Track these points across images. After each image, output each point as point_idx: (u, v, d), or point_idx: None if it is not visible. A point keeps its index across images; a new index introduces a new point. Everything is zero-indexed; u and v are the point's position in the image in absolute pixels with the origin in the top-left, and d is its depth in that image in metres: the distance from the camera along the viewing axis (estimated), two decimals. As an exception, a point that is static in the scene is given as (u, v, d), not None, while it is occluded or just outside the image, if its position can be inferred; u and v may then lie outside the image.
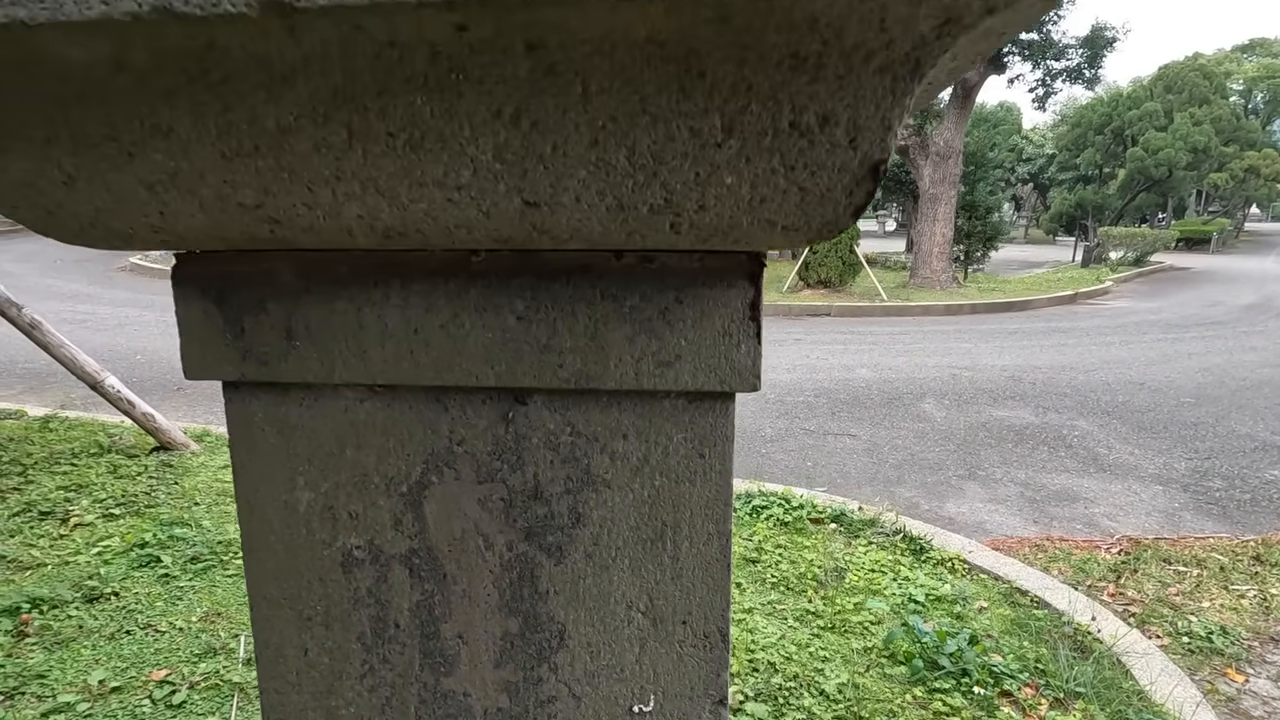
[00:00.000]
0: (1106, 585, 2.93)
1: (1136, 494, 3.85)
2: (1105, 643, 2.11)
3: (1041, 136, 33.89)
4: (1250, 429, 5.06)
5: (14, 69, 0.37)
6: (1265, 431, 4.99)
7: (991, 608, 2.38)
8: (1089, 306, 13.76)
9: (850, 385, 6.25)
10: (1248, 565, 3.11)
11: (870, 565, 2.56)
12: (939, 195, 13.78)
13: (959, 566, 2.62)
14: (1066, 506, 3.68)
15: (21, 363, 5.90)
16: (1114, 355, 8.09)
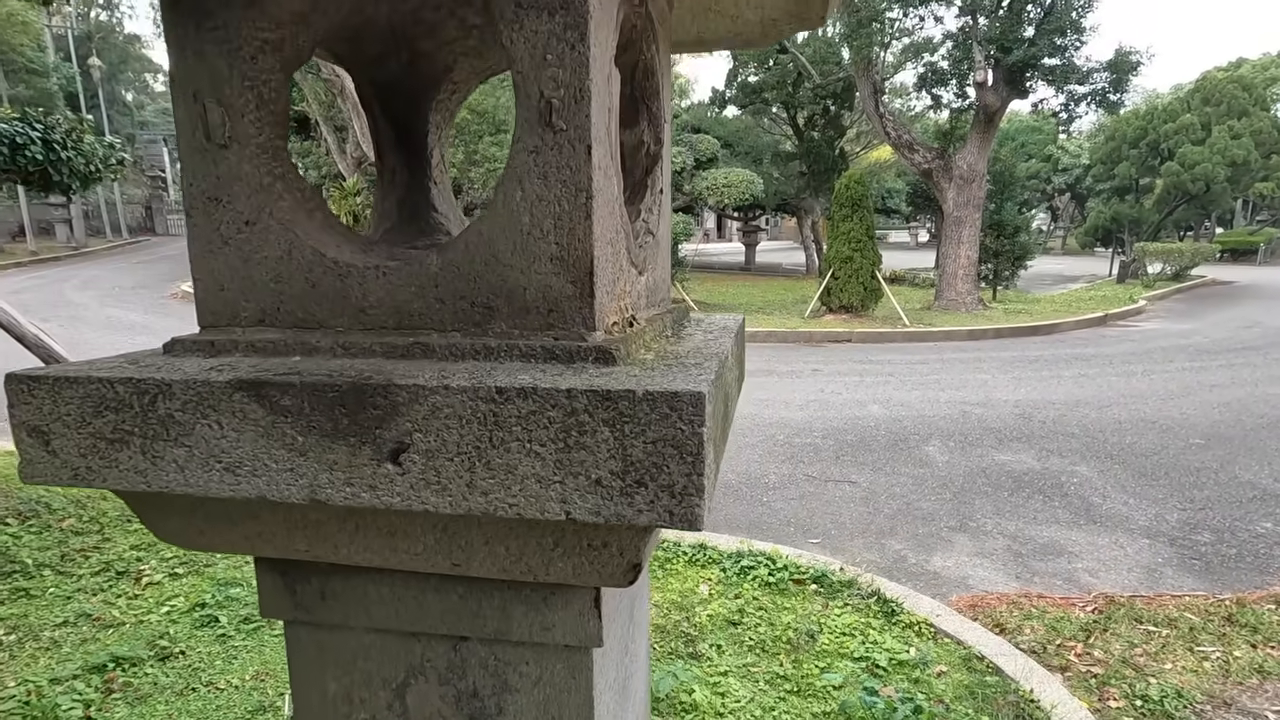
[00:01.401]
0: (1075, 645, 3.12)
1: (1123, 548, 4.00)
2: (1045, 711, 2.34)
3: (1078, 147, 33.34)
4: (1254, 475, 5.13)
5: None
6: (1268, 478, 5.06)
7: (950, 672, 2.62)
8: (1119, 328, 13.61)
9: (860, 425, 6.45)
10: (1218, 626, 3.26)
11: (843, 628, 2.81)
12: (963, 218, 13.82)
13: (925, 630, 2.85)
14: (1051, 561, 3.86)
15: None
16: (1133, 388, 8.10)
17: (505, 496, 0.63)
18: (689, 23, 1.22)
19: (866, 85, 14.08)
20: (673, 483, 0.60)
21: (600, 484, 0.61)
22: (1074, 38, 11.89)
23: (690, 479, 0.59)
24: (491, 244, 0.74)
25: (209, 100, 0.77)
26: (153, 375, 0.69)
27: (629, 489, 0.61)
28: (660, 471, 0.60)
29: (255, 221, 0.79)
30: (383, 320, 0.78)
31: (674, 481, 0.60)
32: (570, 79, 0.69)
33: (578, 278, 0.72)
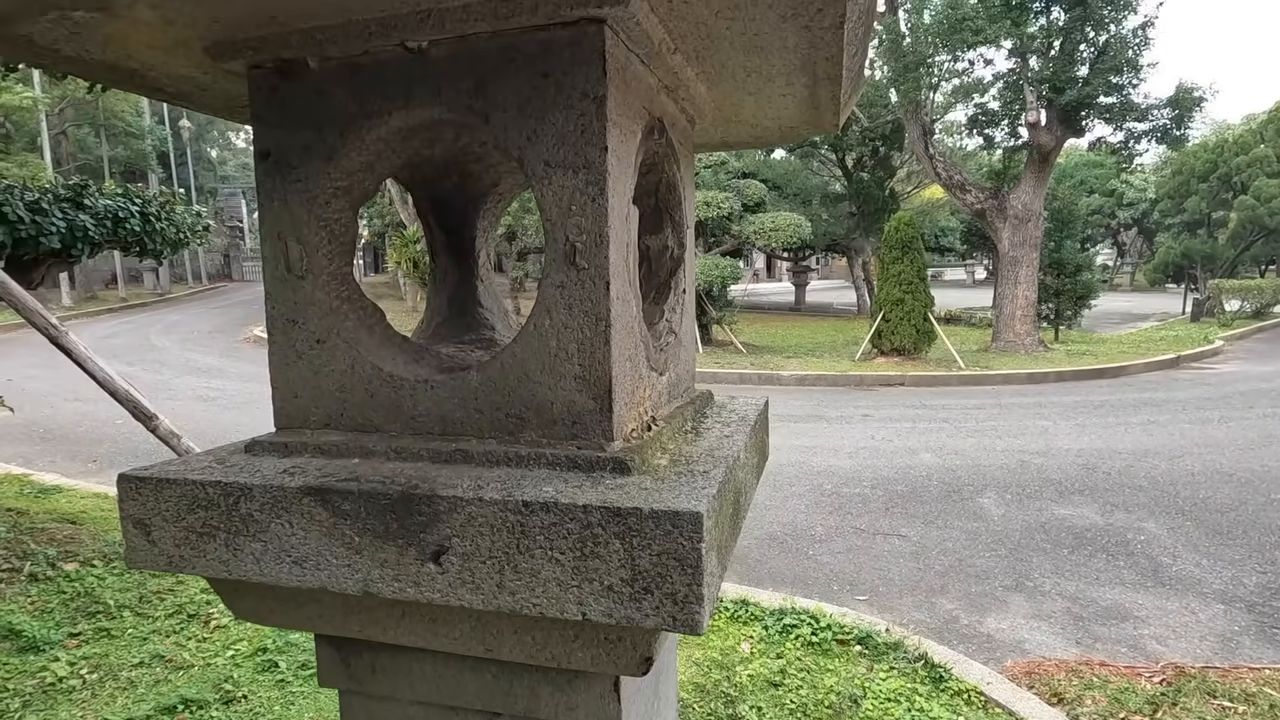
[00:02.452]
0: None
1: (1194, 613, 3.79)
2: (1103, 793, 2.23)
3: (1144, 180, 32.22)
4: (1344, 536, 4.79)
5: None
6: (1361, 540, 4.72)
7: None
8: (1193, 371, 12.94)
9: (910, 474, 6.31)
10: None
11: (888, 694, 2.75)
12: (1020, 258, 13.51)
13: (976, 698, 2.76)
14: (1114, 626, 3.68)
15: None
16: (1208, 436, 7.69)
17: (530, 597, 0.71)
18: (713, 131, 1.33)
19: (915, 127, 14.07)
20: (675, 591, 0.67)
21: (612, 589, 0.69)
22: (1130, 76, 11.66)
23: (691, 588, 0.67)
24: (524, 364, 0.84)
25: (290, 239, 0.91)
26: (236, 479, 0.81)
27: (637, 595, 0.68)
28: (664, 580, 0.67)
29: (325, 340, 0.92)
30: (430, 427, 0.89)
31: (676, 590, 0.67)
32: (591, 226, 0.79)
33: (598, 395, 0.81)
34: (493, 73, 0.80)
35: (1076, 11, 11.56)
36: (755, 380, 11.64)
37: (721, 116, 1.22)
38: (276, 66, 0.87)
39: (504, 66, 0.80)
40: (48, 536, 3.95)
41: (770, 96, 1.10)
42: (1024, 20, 11.87)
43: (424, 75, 0.83)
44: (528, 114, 0.80)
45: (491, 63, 0.80)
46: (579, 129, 0.78)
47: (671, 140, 1.06)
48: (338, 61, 0.85)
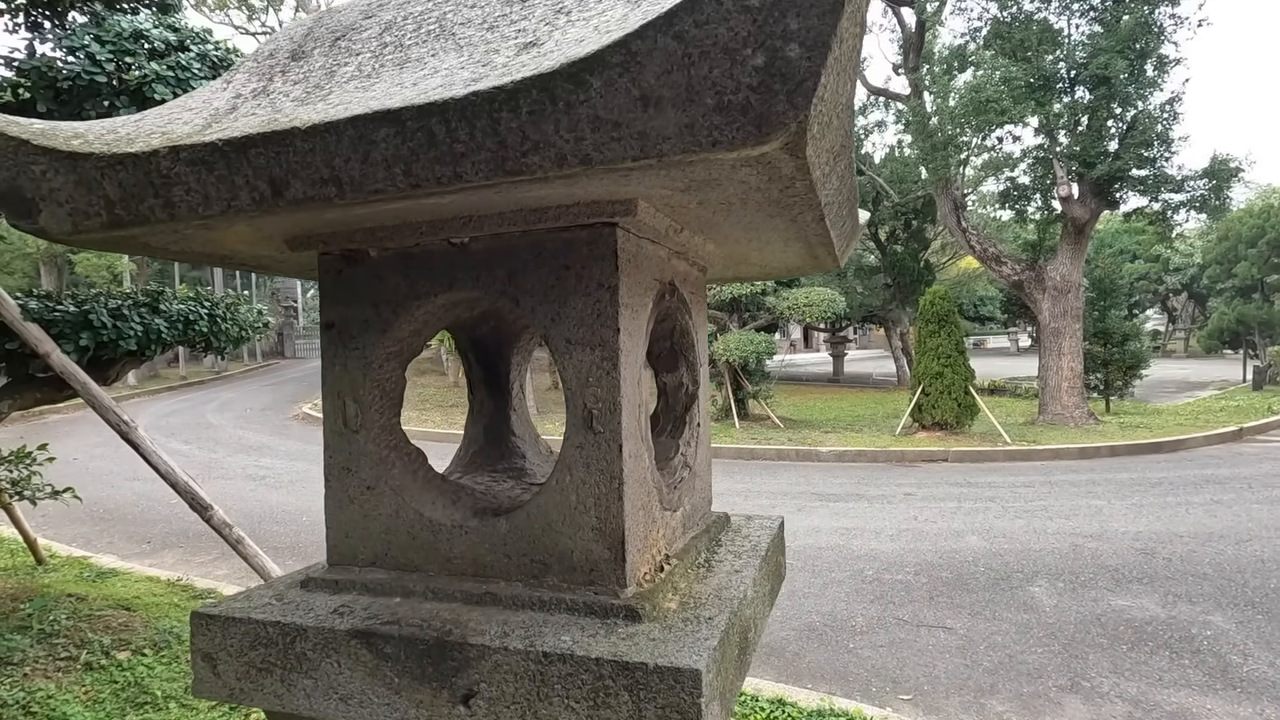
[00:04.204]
0: (1214, 844, 2.75)
1: (1268, 719, 3.53)
2: None
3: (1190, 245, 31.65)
4: None
5: None
6: None
7: None
8: (1259, 444, 12.32)
9: (956, 559, 6.11)
10: (1399, 831, 2.79)
11: (933, 808, 2.62)
12: (1062, 329, 13.30)
13: (1028, 816, 2.61)
14: (1181, 734, 3.45)
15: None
16: (1278, 518, 7.26)
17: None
18: (724, 270, 1.46)
19: (946, 202, 14.26)
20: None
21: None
22: (1162, 149, 11.72)
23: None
24: (547, 515, 0.94)
25: (348, 398, 1.04)
26: (293, 619, 0.92)
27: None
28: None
29: (374, 486, 1.03)
30: (463, 568, 0.99)
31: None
32: (605, 395, 0.90)
33: (612, 545, 0.90)
34: (522, 265, 0.94)
35: (1101, 90, 11.79)
36: (793, 457, 11.51)
37: (731, 262, 1.35)
38: (342, 254, 1.03)
39: (532, 260, 0.94)
40: (104, 624, 4.10)
41: (773, 251, 1.22)
42: (1048, 100, 12.13)
43: (465, 264, 0.97)
44: (551, 299, 0.93)
45: (522, 256, 0.94)
46: (595, 313, 0.90)
47: (683, 295, 1.19)
48: (394, 252, 1.01)
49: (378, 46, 0.88)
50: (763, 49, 0.56)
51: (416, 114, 0.66)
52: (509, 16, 0.82)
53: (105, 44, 2.80)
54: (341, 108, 0.75)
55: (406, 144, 0.68)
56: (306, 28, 0.99)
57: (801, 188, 0.73)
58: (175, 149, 0.76)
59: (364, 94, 0.78)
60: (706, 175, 0.73)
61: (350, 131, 0.69)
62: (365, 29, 0.92)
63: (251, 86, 0.92)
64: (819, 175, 0.71)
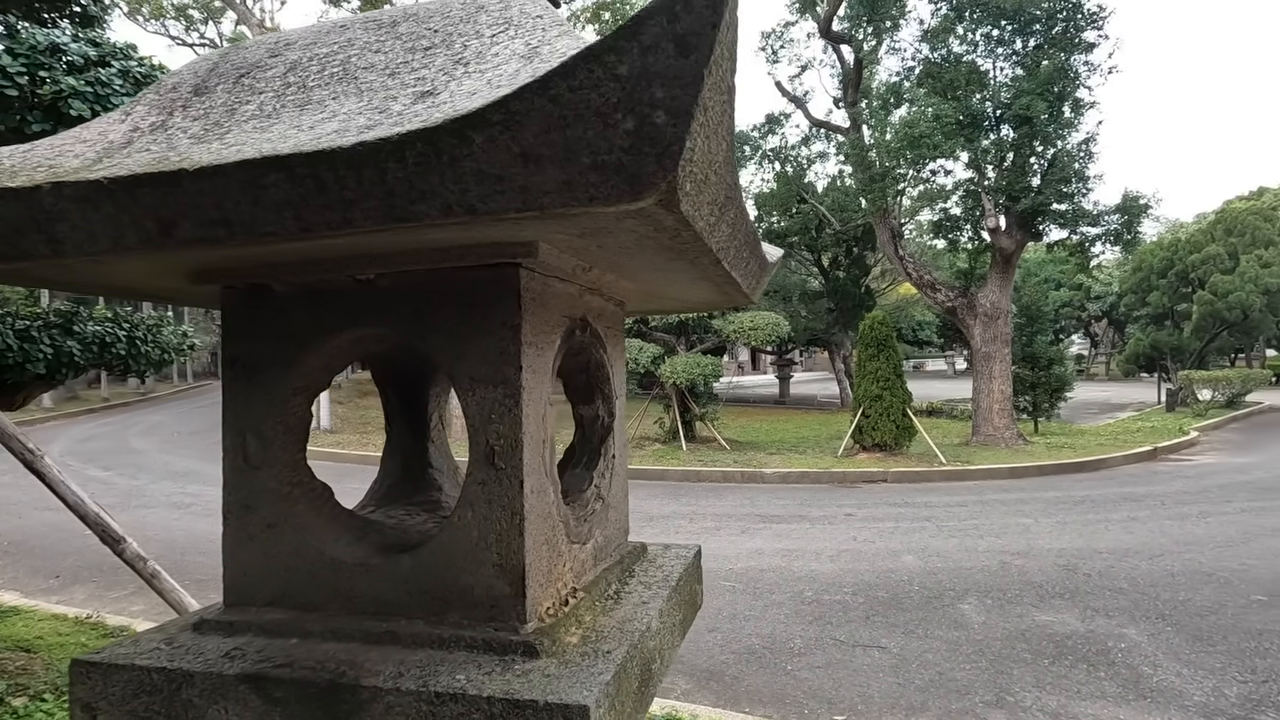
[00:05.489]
0: None
1: (1177, 729, 3.72)
2: None
3: (1109, 275, 33.68)
4: (1323, 640, 4.77)
5: None
6: (1339, 644, 4.70)
7: None
8: (1171, 463, 13.09)
9: (892, 578, 6.26)
10: (1288, 830, 2.97)
11: (861, 829, 2.66)
12: (992, 354, 13.90)
13: (952, 833, 2.68)
14: (1097, 745, 3.60)
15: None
16: (1187, 533, 7.72)
17: (440, 783, 0.78)
18: (642, 304, 1.49)
19: (885, 231, 14.82)
20: (569, 779, 0.75)
21: (513, 778, 0.76)
22: (1079, 185, 12.50)
23: (582, 777, 0.74)
24: (449, 552, 0.94)
25: (250, 434, 1.03)
26: (180, 665, 0.89)
27: (535, 782, 0.76)
28: (559, 769, 0.75)
29: (275, 525, 1.02)
30: (365, 607, 0.98)
31: (570, 778, 0.75)
32: (508, 431, 0.92)
33: (513, 580, 0.91)
34: (428, 302, 0.95)
35: (1024, 129, 12.53)
36: (739, 479, 11.63)
37: (648, 297, 1.39)
38: (246, 289, 1.02)
39: (437, 297, 0.95)
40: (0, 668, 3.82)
41: (684, 288, 1.27)
42: (976, 137, 12.81)
43: (371, 300, 0.98)
44: (456, 336, 0.94)
45: (427, 294, 0.95)
46: (498, 350, 0.92)
47: (597, 330, 1.22)
48: (298, 287, 1.00)
49: (281, 86, 0.89)
50: (632, 114, 0.60)
51: (305, 161, 0.67)
52: (410, 64, 0.84)
53: (18, 57, 2.69)
54: (235, 149, 0.75)
55: (296, 189, 0.69)
56: (212, 62, 0.99)
57: (688, 237, 0.76)
58: (59, 185, 0.75)
59: (261, 135, 0.79)
60: (595, 225, 0.76)
61: (240, 175, 0.69)
62: (270, 67, 0.93)
63: (150, 120, 0.91)
64: (703, 226, 0.75)
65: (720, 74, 0.61)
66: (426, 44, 0.87)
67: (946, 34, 13.01)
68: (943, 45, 13.19)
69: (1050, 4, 12.11)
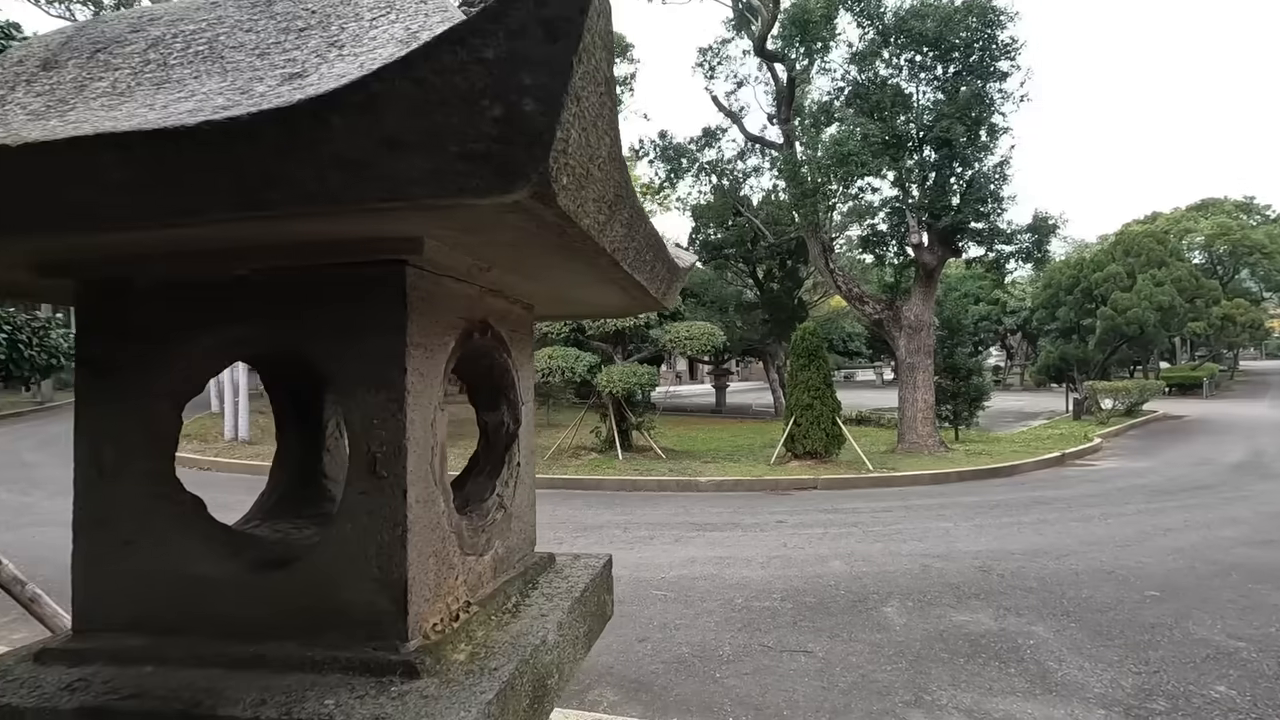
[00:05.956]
0: (1030, 842, 2.98)
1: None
2: None
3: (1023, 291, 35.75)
4: (1208, 631, 5.13)
5: None
6: (1221, 634, 5.06)
7: None
8: (1078, 468, 13.91)
9: (820, 584, 6.39)
10: (1176, 812, 3.15)
11: (782, 835, 2.68)
12: (916, 364, 14.46)
13: (869, 833, 2.73)
14: (1007, 739, 3.75)
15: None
16: (1091, 534, 8.20)
17: (302, 820, 0.72)
18: (553, 308, 1.46)
19: (816, 244, 15.26)
20: (442, 808, 0.70)
21: (381, 808, 0.71)
22: (995, 205, 13.22)
23: (456, 805, 0.70)
24: (326, 567, 0.88)
25: (106, 442, 0.94)
26: (9, 701, 0.80)
27: (406, 813, 0.71)
28: (431, 797, 0.70)
29: (133, 541, 0.93)
30: (233, 629, 0.90)
31: (443, 807, 0.70)
32: (390, 438, 0.87)
33: (395, 596, 0.86)
34: (306, 301, 0.89)
35: (944, 151, 13.17)
36: (674, 488, 11.69)
37: (558, 301, 1.36)
38: (102, 283, 0.94)
39: (316, 296, 0.89)
40: None
41: (593, 292, 1.24)
42: (901, 156, 13.38)
43: (244, 298, 0.91)
44: (337, 339, 0.89)
45: (305, 292, 0.90)
46: (381, 353, 0.87)
47: (500, 333, 1.18)
48: (162, 282, 0.93)
49: (140, 63, 0.82)
50: (500, 101, 0.57)
51: (145, 140, 0.61)
52: (283, 45, 0.79)
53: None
54: (73, 127, 0.68)
55: (136, 171, 0.62)
56: (67, 36, 0.90)
57: (576, 235, 0.74)
58: None
59: (106, 113, 0.72)
60: (476, 220, 0.73)
61: (71, 154, 0.63)
62: (130, 43, 0.85)
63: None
64: (591, 224, 0.73)
65: (594, 64, 0.59)
66: (302, 25, 0.82)
67: (873, 57, 13.56)
68: (870, 68, 13.74)
69: (968, 34, 12.80)
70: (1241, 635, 5.05)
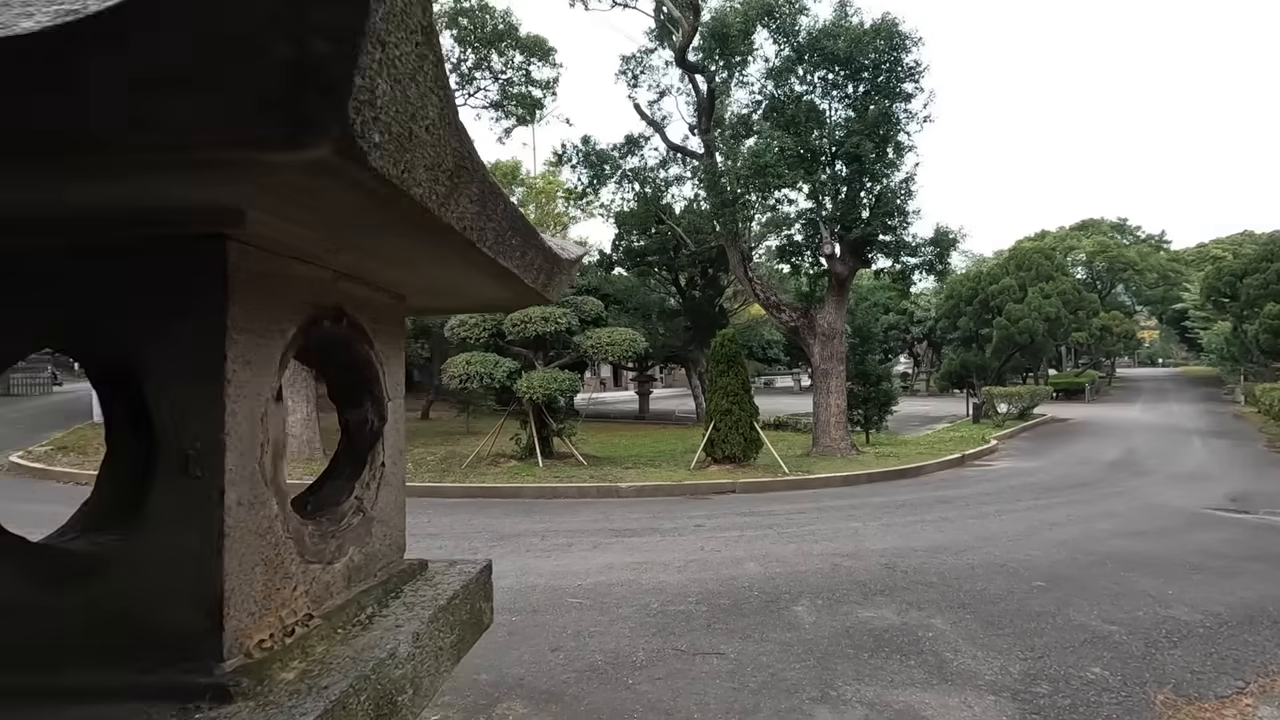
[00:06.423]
0: (925, 828, 3.08)
1: (971, 707, 4.10)
2: None
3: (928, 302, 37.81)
4: (1085, 617, 5.50)
5: None
6: (1097, 620, 5.45)
7: None
8: (976, 468, 14.76)
9: (735, 585, 6.47)
10: (1055, 789, 3.33)
11: (687, 840, 2.65)
12: (829, 370, 14.97)
13: (772, 832, 2.74)
14: (906, 729, 3.88)
15: None
16: (987, 530, 8.68)
17: None
18: (429, 300, 1.38)
19: (735, 253, 15.60)
20: None
21: None
22: (901, 219, 13.91)
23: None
24: (131, 581, 0.78)
25: None
26: None
27: None
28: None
29: (-112, 558, 0.79)
30: (26, 656, 0.78)
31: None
32: (207, 433, 0.77)
33: (209, 611, 0.76)
34: (115, 280, 0.79)
35: (855, 166, 13.76)
36: (594, 494, 11.61)
37: (432, 289, 1.28)
38: None
39: (123, 275, 0.79)
40: None
41: (465, 280, 1.17)
42: (815, 170, 13.89)
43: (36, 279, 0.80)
44: (147, 321, 0.79)
45: (111, 270, 0.79)
46: (195, 338, 0.78)
47: (360, 324, 1.09)
48: (-68, 256, 0.80)
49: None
50: (288, 40, 0.50)
51: None
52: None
53: None
54: None
55: None
56: None
57: (409, 207, 0.67)
58: None
59: None
60: (289, 185, 0.65)
61: None
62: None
63: None
64: (426, 194, 0.67)
65: (401, 6, 0.54)
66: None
67: (788, 74, 14.03)
68: (785, 84, 14.20)
69: (876, 55, 13.44)
70: (1114, 620, 5.45)
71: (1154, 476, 13.26)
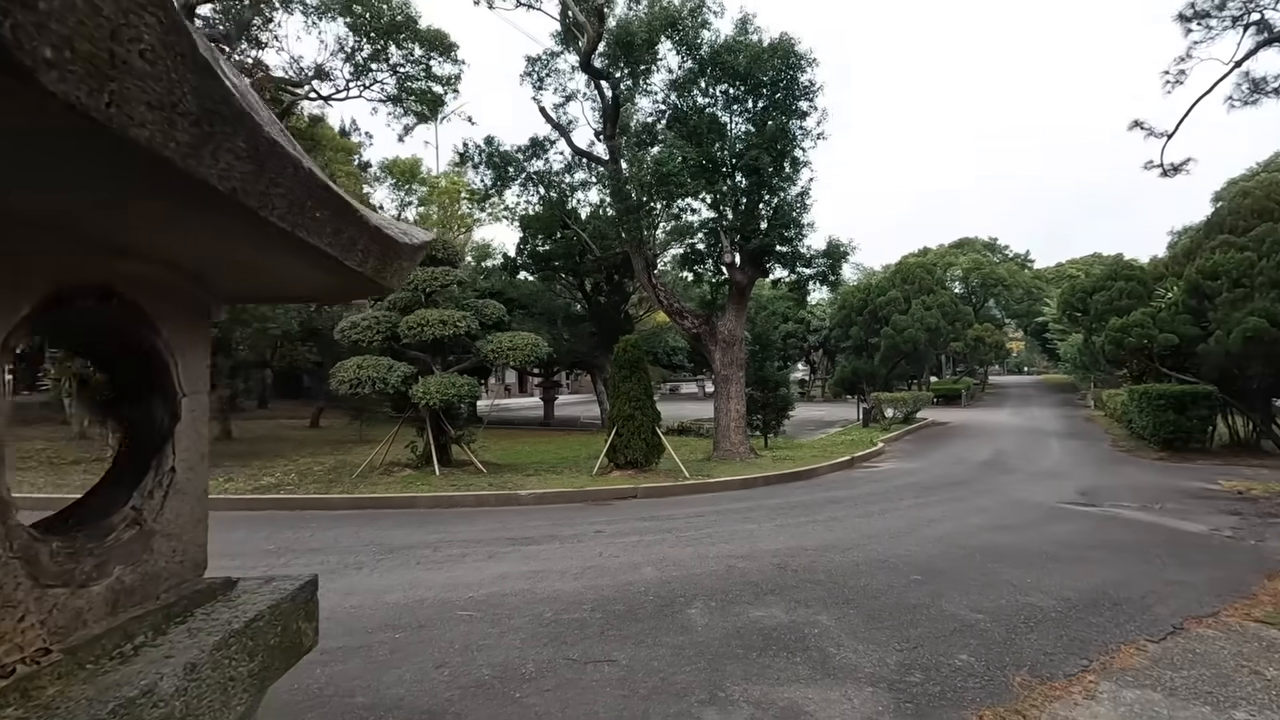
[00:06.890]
0: (803, 823, 3.12)
1: (850, 700, 4.25)
2: None
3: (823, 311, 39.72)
4: (956, 607, 5.86)
5: None
6: (966, 609, 5.81)
7: None
8: (864, 470, 15.52)
9: (631, 591, 6.43)
10: (924, 774, 3.48)
11: None
12: (730, 376, 15.33)
13: (652, 842, 2.70)
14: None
15: None
16: (872, 528, 9.12)
17: None
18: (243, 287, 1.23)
19: (640, 260, 15.70)
20: None
21: None
22: (797, 231, 14.48)
23: None
24: None
25: None
26: None
27: None
28: None
29: None
30: None
31: None
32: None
33: (-126, 653, 0.61)
34: None
35: (754, 178, 14.20)
36: (493, 502, 11.30)
37: (240, 272, 1.13)
38: None
39: None
40: None
41: (278, 261, 1.05)
42: (716, 181, 14.22)
43: None
44: None
45: None
46: None
47: (141, 307, 0.94)
48: None
49: None
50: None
51: None
52: None
53: None
54: None
55: None
56: None
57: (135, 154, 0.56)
58: None
59: None
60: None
61: None
62: None
63: None
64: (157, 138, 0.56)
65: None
66: None
67: (691, 86, 14.31)
68: (688, 95, 14.48)
69: (773, 72, 13.95)
70: (981, 609, 5.84)
71: (1018, 474, 14.44)
